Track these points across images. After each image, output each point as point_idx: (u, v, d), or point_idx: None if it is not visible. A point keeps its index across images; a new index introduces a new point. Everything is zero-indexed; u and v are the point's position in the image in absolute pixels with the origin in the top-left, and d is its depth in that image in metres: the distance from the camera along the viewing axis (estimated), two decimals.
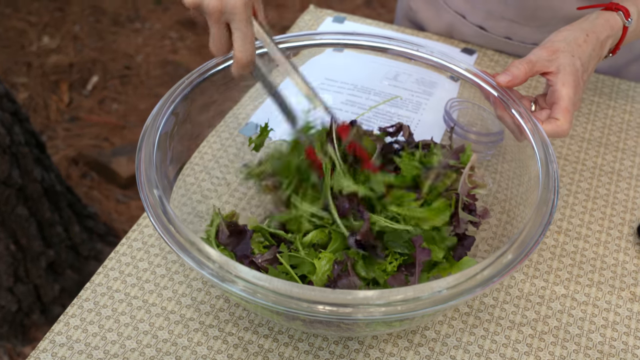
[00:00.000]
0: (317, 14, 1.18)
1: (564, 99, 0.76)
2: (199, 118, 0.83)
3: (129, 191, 2.08)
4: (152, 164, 0.69)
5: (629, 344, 0.75)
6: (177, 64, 2.51)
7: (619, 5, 0.82)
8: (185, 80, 0.77)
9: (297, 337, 0.74)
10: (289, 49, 0.85)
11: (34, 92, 2.38)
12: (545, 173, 0.72)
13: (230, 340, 0.74)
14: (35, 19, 2.67)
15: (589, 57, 0.79)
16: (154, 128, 0.72)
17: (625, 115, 1.03)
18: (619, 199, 0.90)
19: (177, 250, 0.63)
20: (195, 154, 0.89)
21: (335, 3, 2.78)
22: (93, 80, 2.45)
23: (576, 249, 0.84)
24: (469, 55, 1.10)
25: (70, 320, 0.75)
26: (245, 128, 0.93)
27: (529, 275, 0.81)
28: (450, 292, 0.62)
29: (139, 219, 0.85)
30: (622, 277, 0.82)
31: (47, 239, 1.64)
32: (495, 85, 0.80)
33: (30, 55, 2.51)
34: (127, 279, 0.79)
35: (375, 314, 0.61)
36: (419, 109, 0.96)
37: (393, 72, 0.99)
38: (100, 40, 2.60)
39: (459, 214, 0.75)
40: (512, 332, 0.76)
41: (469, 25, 1.11)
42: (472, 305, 0.78)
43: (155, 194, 0.67)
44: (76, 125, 2.28)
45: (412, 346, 0.74)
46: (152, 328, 0.74)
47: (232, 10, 0.70)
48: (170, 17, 2.72)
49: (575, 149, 0.97)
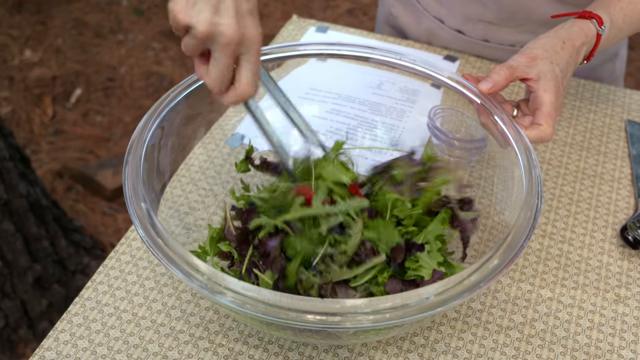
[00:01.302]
0: (301, 24, 1.19)
1: (546, 104, 0.77)
2: (185, 130, 0.83)
3: (115, 204, 2.08)
4: (139, 177, 0.69)
5: (614, 345, 0.76)
6: (161, 75, 2.51)
7: (592, 14, 0.83)
8: (171, 93, 0.78)
9: (287, 347, 0.74)
10: (274, 60, 0.86)
11: (17, 106, 2.37)
12: (528, 178, 0.73)
13: (221, 351, 0.74)
14: (16, 32, 2.66)
15: (566, 63, 0.81)
16: (141, 141, 0.72)
17: (606, 118, 1.04)
18: (602, 202, 0.92)
19: (166, 263, 0.63)
20: (182, 166, 0.89)
21: (318, 12, 2.79)
22: (76, 93, 2.44)
23: (561, 252, 0.86)
24: (452, 62, 1.12)
25: (59, 336, 0.75)
26: (231, 139, 0.94)
27: (515, 279, 0.82)
28: (438, 298, 0.63)
29: (127, 232, 0.85)
30: (606, 279, 0.83)
31: (33, 254, 1.63)
32: (477, 92, 0.81)
33: (12, 69, 2.50)
34: (116, 292, 0.79)
35: (364, 322, 0.61)
36: (403, 117, 0.97)
37: (377, 81, 0.99)
38: (83, 52, 2.60)
39: (459, 217, 0.75)
40: (500, 336, 0.77)
41: (448, 30, 1.12)
42: (459, 310, 0.79)
43: (143, 207, 0.67)
44: (60, 139, 2.27)
45: (401, 352, 0.75)
46: (142, 341, 0.74)
47: (251, 42, 0.65)
48: (152, 28, 2.72)
49: (558, 154, 0.98)
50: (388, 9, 1.20)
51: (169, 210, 0.81)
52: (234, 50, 0.64)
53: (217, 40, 0.63)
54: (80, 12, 2.77)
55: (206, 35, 0.62)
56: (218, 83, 0.66)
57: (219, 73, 0.65)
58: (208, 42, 0.64)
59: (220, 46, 0.63)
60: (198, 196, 0.87)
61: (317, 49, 0.87)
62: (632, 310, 0.80)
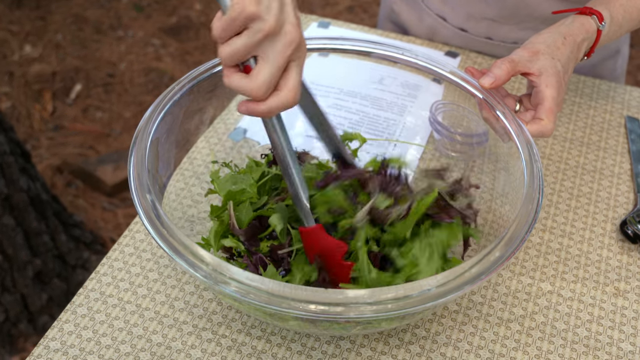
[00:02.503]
0: (303, 20, 1.19)
1: (547, 99, 0.78)
2: (189, 124, 0.84)
3: (115, 199, 2.08)
4: (144, 169, 0.70)
5: (614, 337, 0.77)
6: (161, 72, 2.51)
7: (593, 10, 0.84)
8: (175, 87, 0.78)
9: (290, 338, 0.75)
10: None
11: (17, 101, 2.37)
12: (529, 172, 0.73)
13: (224, 342, 0.74)
14: (16, 28, 2.66)
15: (567, 59, 0.81)
16: (146, 133, 0.73)
17: (605, 115, 1.05)
18: (602, 197, 0.92)
19: (171, 253, 0.64)
20: (185, 159, 0.90)
21: (318, 8, 2.80)
22: (76, 88, 2.44)
23: (561, 246, 0.86)
24: (453, 58, 1.12)
25: (64, 326, 0.75)
26: (233, 133, 0.94)
27: (515, 272, 0.83)
28: (439, 289, 0.63)
29: (131, 225, 0.86)
30: (606, 272, 0.84)
31: (33, 249, 1.63)
32: (479, 87, 0.81)
33: (12, 64, 2.50)
34: (120, 284, 0.79)
35: (366, 312, 0.62)
36: (404, 112, 0.98)
37: (378, 76, 1.00)
38: (83, 48, 2.60)
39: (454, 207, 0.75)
40: (501, 328, 0.77)
41: (450, 27, 1.13)
42: (460, 303, 0.80)
43: (148, 198, 0.67)
44: (60, 134, 2.27)
45: (402, 344, 0.75)
46: (145, 332, 0.75)
47: (304, 49, 0.63)
48: (152, 24, 2.72)
49: (558, 149, 0.99)
50: (390, 5, 1.21)
51: (172, 203, 0.81)
52: (293, 52, 0.61)
53: (281, 38, 0.60)
54: (80, 8, 2.77)
55: (274, 29, 0.59)
56: (266, 86, 0.61)
57: (271, 76, 0.60)
58: (269, 39, 0.60)
59: (282, 44, 0.60)
60: (201, 189, 0.88)
61: (319, 43, 0.88)
62: (631, 303, 0.81)
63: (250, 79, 0.61)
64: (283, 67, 0.61)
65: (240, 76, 0.62)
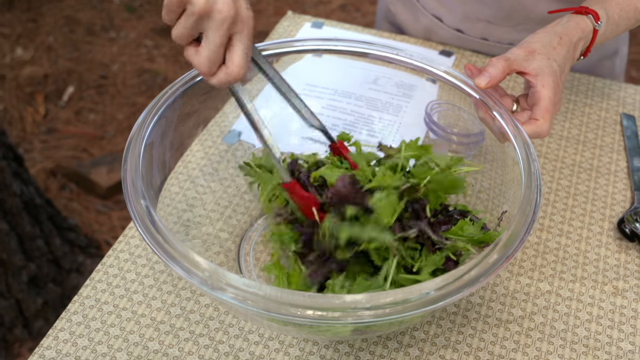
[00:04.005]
0: (296, 20, 1.19)
1: (544, 99, 0.77)
2: (183, 127, 0.83)
3: (109, 201, 2.07)
4: (138, 174, 0.69)
5: (613, 337, 0.77)
6: (154, 73, 2.50)
7: (588, 9, 0.83)
8: (168, 90, 0.78)
9: (288, 343, 0.74)
10: (270, 56, 0.85)
11: (9, 104, 2.35)
12: (527, 172, 0.73)
13: (222, 348, 0.74)
14: (7, 30, 2.64)
15: (564, 59, 0.81)
16: (139, 138, 0.72)
17: (601, 112, 1.05)
18: (599, 195, 0.92)
19: (167, 260, 0.63)
20: (179, 163, 0.89)
21: (310, 7, 2.79)
22: (69, 91, 2.43)
23: (559, 246, 0.86)
24: (447, 57, 1.12)
25: (59, 334, 0.74)
26: (228, 136, 0.94)
27: (513, 273, 0.83)
28: (438, 293, 0.63)
29: (125, 230, 0.85)
30: (604, 271, 0.83)
31: (27, 253, 1.62)
32: (474, 86, 0.81)
33: (3, 67, 2.49)
34: (115, 290, 0.79)
35: (364, 317, 0.61)
36: (399, 112, 0.97)
37: (373, 76, 0.99)
38: (75, 50, 2.58)
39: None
40: (500, 329, 0.77)
41: (446, 28, 1.12)
42: (459, 304, 0.79)
43: (143, 204, 0.67)
44: (53, 137, 2.26)
45: (401, 347, 0.75)
46: (142, 339, 0.74)
47: (244, 22, 0.66)
48: (144, 25, 2.71)
49: (555, 147, 0.98)
50: (387, 5, 1.20)
51: (167, 207, 0.81)
52: (228, 28, 0.64)
53: (213, 16, 0.63)
54: (72, 10, 2.75)
55: (204, 10, 0.63)
56: (208, 62, 0.66)
57: (211, 52, 0.65)
58: (204, 19, 0.64)
59: (215, 23, 0.64)
60: (196, 193, 0.87)
61: (313, 44, 0.87)
62: (630, 302, 0.80)
63: (195, 55, 0.67)
64: (222, 44, 0.65)
65: (192, 52, 0.67)
